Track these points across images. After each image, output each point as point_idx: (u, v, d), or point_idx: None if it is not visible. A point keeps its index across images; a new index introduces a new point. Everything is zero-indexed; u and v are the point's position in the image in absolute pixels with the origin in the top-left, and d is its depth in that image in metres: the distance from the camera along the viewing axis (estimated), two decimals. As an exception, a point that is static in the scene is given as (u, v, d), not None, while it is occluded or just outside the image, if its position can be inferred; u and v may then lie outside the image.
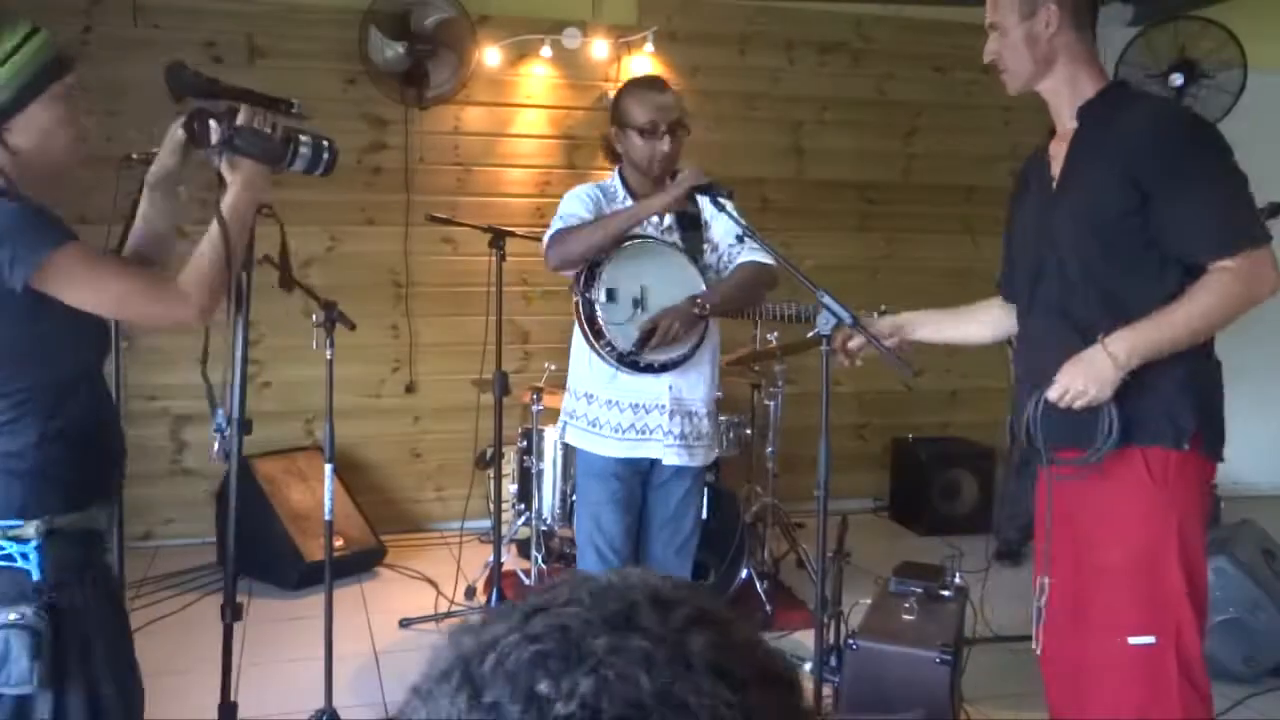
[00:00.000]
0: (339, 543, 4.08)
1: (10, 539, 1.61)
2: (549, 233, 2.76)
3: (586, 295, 2.68)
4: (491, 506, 4.01)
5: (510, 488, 4.26)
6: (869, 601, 3.02)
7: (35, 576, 1.62)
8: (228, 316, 2.13)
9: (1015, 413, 2.22)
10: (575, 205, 2.78)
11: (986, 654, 3.44)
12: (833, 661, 2.92)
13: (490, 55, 4.85)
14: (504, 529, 3.97)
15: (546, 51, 4.93)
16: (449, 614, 3.90)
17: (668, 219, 2.82)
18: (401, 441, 5.00)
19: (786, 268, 2.59)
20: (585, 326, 2.69)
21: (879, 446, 5.55)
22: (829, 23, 5.37)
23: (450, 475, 4.99)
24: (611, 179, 2.88)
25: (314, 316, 2.87)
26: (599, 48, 4.98)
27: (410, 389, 4.98)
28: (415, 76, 4.66)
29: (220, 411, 2.13)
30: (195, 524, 4.50)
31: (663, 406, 2.73)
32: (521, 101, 5.00)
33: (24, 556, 1.61)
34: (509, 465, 4.29)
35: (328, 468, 2.85)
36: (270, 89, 5.42)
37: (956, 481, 5.16)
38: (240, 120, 1.87)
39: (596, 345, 2.68)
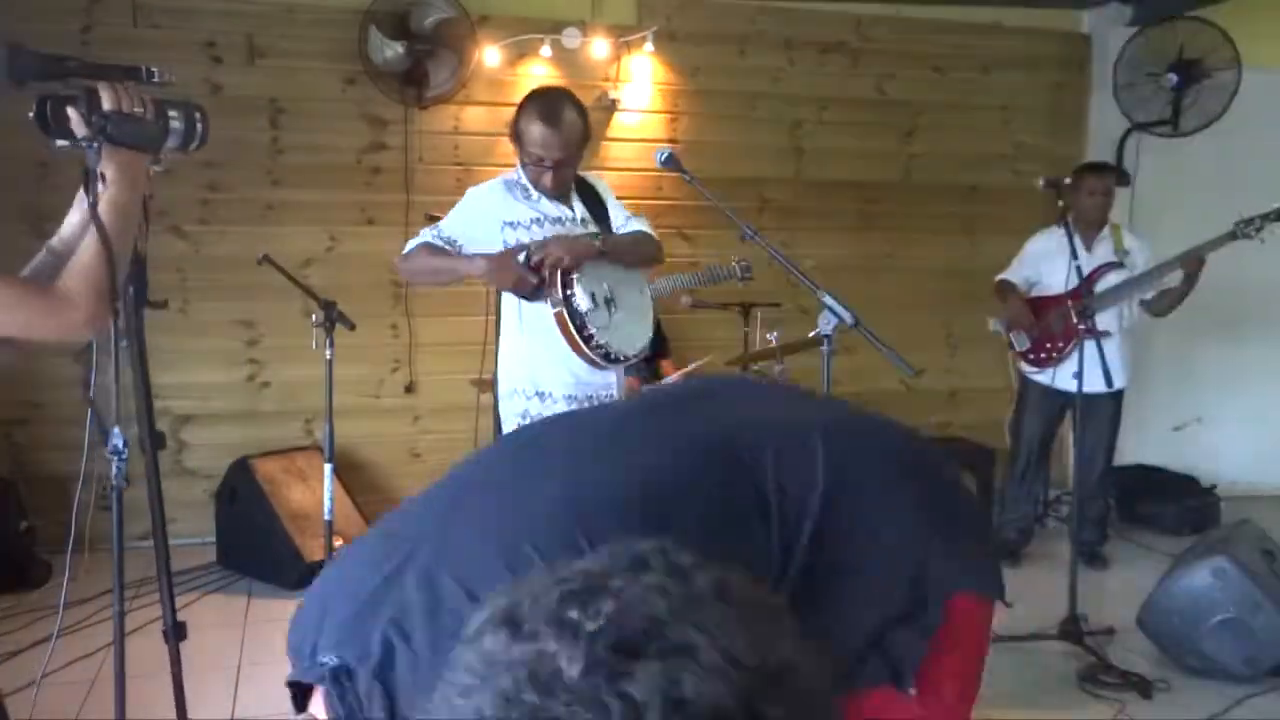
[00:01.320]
0: (339, 542, 4.08)
1: None
2: (415, 241, 2.91)
3: (573, 306, 2.79)
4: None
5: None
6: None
7: None
8: (125, 323, 1.91)
9: None
10: (458, 225, 2.92)
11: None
12: (832, 661, 2.92)
13: (490, 55, 4.85)
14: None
15: (546, 51, 4.93)
16: (449, 614, 3.90)
17: (580, 211, 2.99)
18: (401, 441, 4.99)
19: (786, 267, 2.59)
20: (575, 334, 2.79)
21: (879, 446, 5.54)
22: (829, 23, 5.36)
23: (450, 475, 4.98)
24: (518, 174, 2.98)
25: (314, 316, 2.87)
26: (599, 47, 4.98)
27: (410, 389, 4.97)
28: (415, 76, 4.66)
29: (117, 431, 1.90)
30: (195, 524, 4.50)
31: (612, 397, 2.96)
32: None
33: None
34: (509, 465, 4.28)
35: (327, 468, 2.85)
36: (270, 89, 5.42)
37: (956, 481, 5.15)
38: (107, 105, 1.63)
39: (586, 349, 2.79)
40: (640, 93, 5.12)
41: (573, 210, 2.99)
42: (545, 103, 2.90)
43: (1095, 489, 4.60)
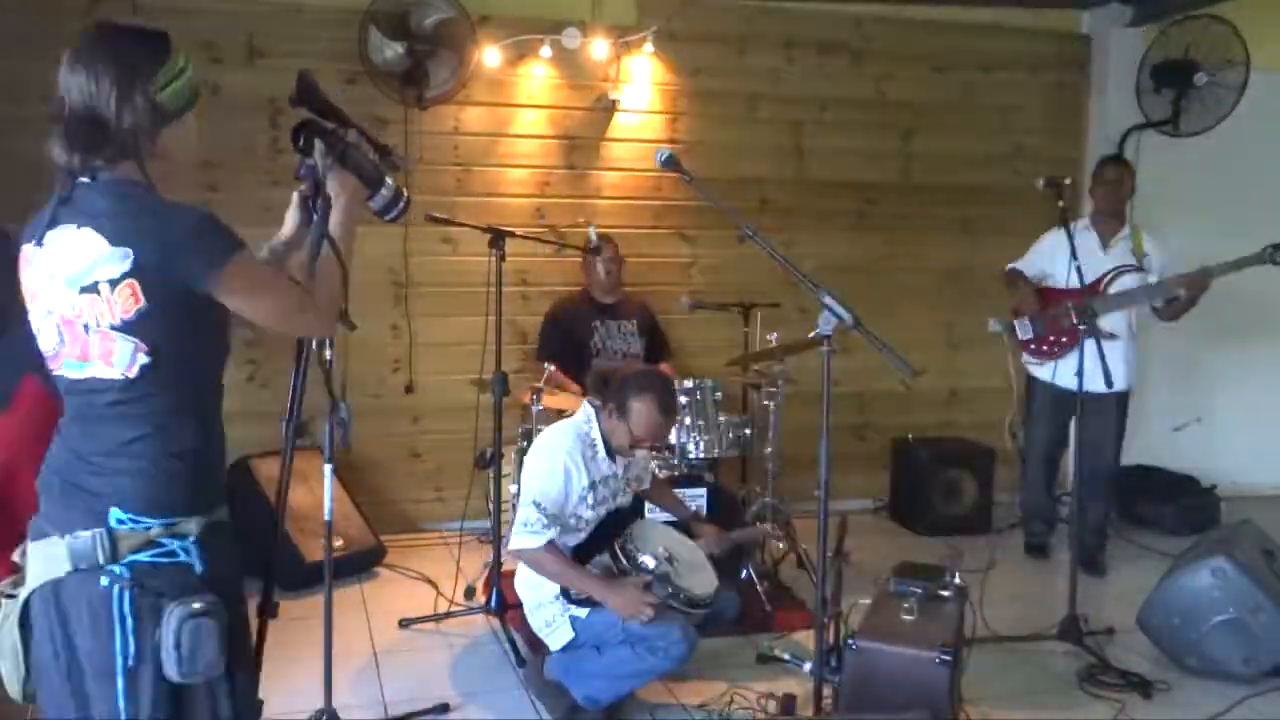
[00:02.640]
0: (339, 543, 4.08)
1: (172, 535, 1.67)
2: (533, 537, 2.99)
3: (641, 568, 3.04)
4: (491, 507, 4.01)
5: (510, 488, 4.25)
6: (869, 601, 3.01)
7: (198, 569, 1.67)
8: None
9: None
10: (552, 486, 3.04)
11: (986, 654, 3.44)
12: (833, 661, 2.92)
13: (490, 55, 4.85)
14: (503, 529, 3.97)
15: (546, 51, 4.93)
16: (448, 614, 3.90)
17: (619, 466, 3.25)
18: (401, 441, 4.99)
19: (786, 268, 2.59)
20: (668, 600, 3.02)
21: (879, 446, 5.55)
22: (828, 23, 5.36)
23: (450, 475, 4.98)
24: (590, 428, 3.17)
25: (313, 317, 2.86)
26: (599, 48, 4.98)
27: (410, 389, 4.97)
28: (415, 76, 4.65)
29: (342, 405, 2.61)
30: (195, 524, 4.49)
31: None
32: (521, 102, 5.00)
33: (185, 551, 1.67)
34: (509, 465, 4.28)
35: (327, 468, 2.85)
36: (270, 89, 5.41)
37: (956, 481, 5.16)
38: (350, 138, 2.04)
39: (685, 608, 3.05)
40: (640, 93, 5.12)
41: (615, 463, 3.22)
42: (666, 394, 3.16)
43: (1099, 493, 4.56)
